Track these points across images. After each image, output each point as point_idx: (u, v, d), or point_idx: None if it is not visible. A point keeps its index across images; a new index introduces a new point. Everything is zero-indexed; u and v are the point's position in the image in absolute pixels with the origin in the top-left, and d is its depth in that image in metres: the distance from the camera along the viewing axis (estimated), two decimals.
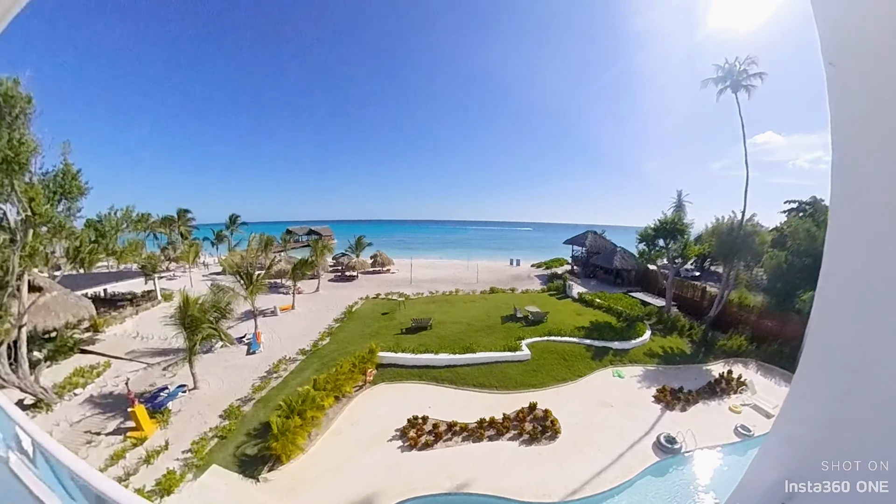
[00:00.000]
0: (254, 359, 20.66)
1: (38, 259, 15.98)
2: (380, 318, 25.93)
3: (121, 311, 29.24)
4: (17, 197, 14.04)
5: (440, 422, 13.93)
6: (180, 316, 16.84)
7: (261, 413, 15.06)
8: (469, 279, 39.56)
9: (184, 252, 43.04)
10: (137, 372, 19.91)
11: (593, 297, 28.72)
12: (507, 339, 20.16)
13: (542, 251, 63.19)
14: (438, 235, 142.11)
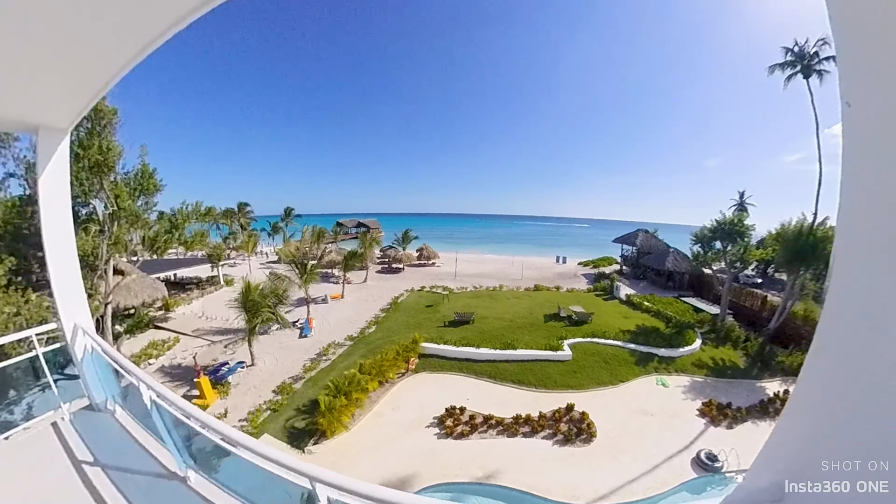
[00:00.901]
0: (305, 342, 21.97)
1: (120, 247, 18.20)
2: (424, 310, 26.58)
3: (188, 293, 32.32)
4: (105, 194, 16.30)
5: (477, 414, 14.24)
6: (243, 300, 18.38)
7: (310, 391, 16.09)
8: (513, 275, 39.40)
9: (243, 242, 46.20)
10: (202, 348, 21.81)
11: (642, 300, 27.75)
12: (549, 337, 20.03)
13: (590, 249, 61.32)
14: (484, 230, 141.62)
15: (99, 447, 4.01)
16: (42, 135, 3.87)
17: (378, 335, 22.15)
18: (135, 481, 3.52)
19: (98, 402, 4.58)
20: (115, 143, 16.44)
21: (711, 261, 26.16)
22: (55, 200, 4.19)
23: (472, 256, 55.30)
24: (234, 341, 22.17)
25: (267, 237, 59.37)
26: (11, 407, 5.03)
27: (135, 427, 4.25)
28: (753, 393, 16.84)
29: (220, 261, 37.08)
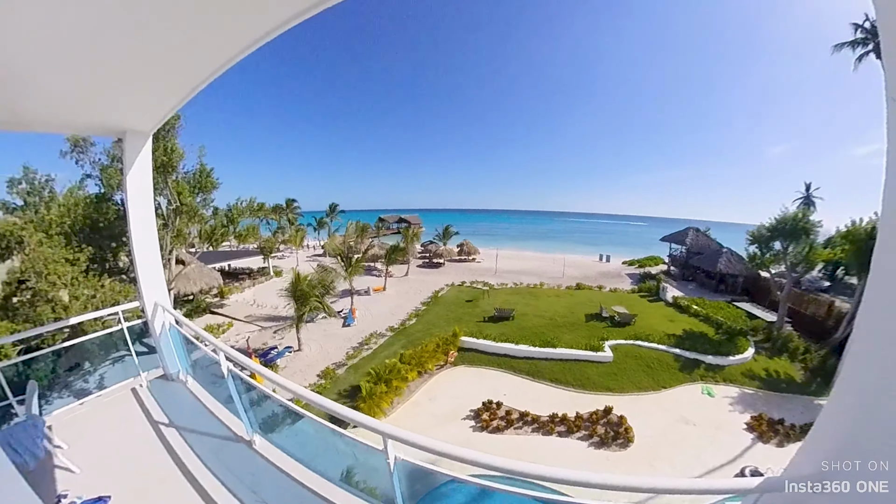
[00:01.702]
0: (349, 331, 22.85)
1: (181, 239, 19.91)
2: (464, 304, 26.86)
3: (241, 282, 34.62)
4: (169, 191, 17.94)
5: (513, 410, 14.31)
6: (292, 289, 19.46)
7: (352, 377, 16.77)
8: (554, 273, 38.84)
9: (291, 236, 48.41)
10: (253, 333, 23.19)
11: (690, 303, 26.32)
12: (590, 338, 19.70)
13: (636, 248, 58.90)
14: (525, 226, 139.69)
15: (172, 411, 4.53)
16: (128, 138, 4.35)
17: (418, 327, 22.67)
18: (204, 442, 3.94)
19: (171, 372, 5.16)
20: (178, 145, 18.08)
21: (769, 263, 24.03)
22: (140, 195, 4.71)
23: (513, 253, 54.89)
24: (283, 328, 23.42)
25: (312, 232, 61.69)
26: (101, 371, 5.82)
27: (204, 395, 4.77)
28: (810, 410, 15.41)
29: (271, 253, 39.36)
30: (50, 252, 13.17)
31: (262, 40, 2.27)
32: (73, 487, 3.34)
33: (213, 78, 2.82)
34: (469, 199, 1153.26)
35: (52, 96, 3.22)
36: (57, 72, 2.72)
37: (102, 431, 4.29)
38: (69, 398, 4.83)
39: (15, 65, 2.57)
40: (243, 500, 3.12)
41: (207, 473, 3.45)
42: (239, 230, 23.36)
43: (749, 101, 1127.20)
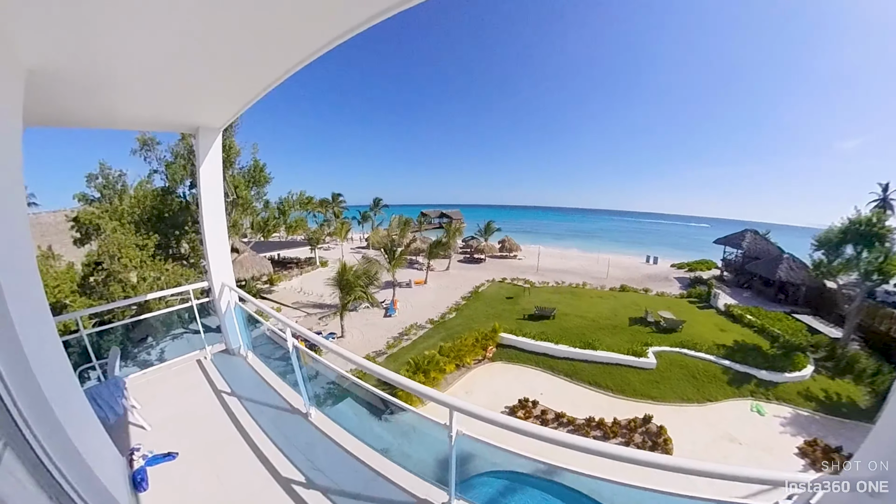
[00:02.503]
0: (390, 321, 23.46)
1: (236, 229, 21.41)
2: (504, 301, 26.79)
3: (289, 271, 36.37)
4: (226, 185, 19.08)
5: (549, 409, 14.24)
6: (338, 279, 20.23)
7: (391, 366, 17.18)
8: (598, 273, 37.85)
9: (337, 228, 50.14)
10: (300, 318, 24.32)
11: (744, 312, 24.61)
12: (633, 342, 19.10)
13: (686, 250, 55.98)
14: (569, 224, 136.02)
15: (234, 382, 4.93)
16: (201, 133, 4.72)
17: (458, 321, 22.88)
18: (263, 412, 4.24)
19: (233, 347, 5.58)
20: (235, 142, 19.41)
21: (838, 271, 21.75)
22: (211, 186, 5.11)
23: (555, 251, 53.99)
24: (327, 315, 24.32)
25: (357, 225, 63.49)
26: (171, 343, 6.43)
27: (263, 370, 5.15)
28: None
29: (317, 244, 41.33)
30: (122, 238, 14.59)
31: (333, 43, 2.38)
32: (145, 442, 3.72)
33: (284, 79, 3.00)
34: (512, 195, 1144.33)
35: (140, 97, 3.59)
36: (145, 76, 3.04)
37: (170, 396, 4.74)
38: (144, 365, 5.39)
39: (114, 72, 2.93)
40: (299, 466, 3.33)
41: (266, 440, 3.72)
42: (289, 222, 24.70)
43: (817, 88, 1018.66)
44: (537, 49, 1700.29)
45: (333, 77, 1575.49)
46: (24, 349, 1.96)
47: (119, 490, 2.84)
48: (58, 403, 2.18)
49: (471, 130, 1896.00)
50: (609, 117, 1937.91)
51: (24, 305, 2.17)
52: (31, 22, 2.07)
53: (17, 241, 2.34)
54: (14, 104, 2.43)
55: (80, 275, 14.00)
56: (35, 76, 2.61)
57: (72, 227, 15.87)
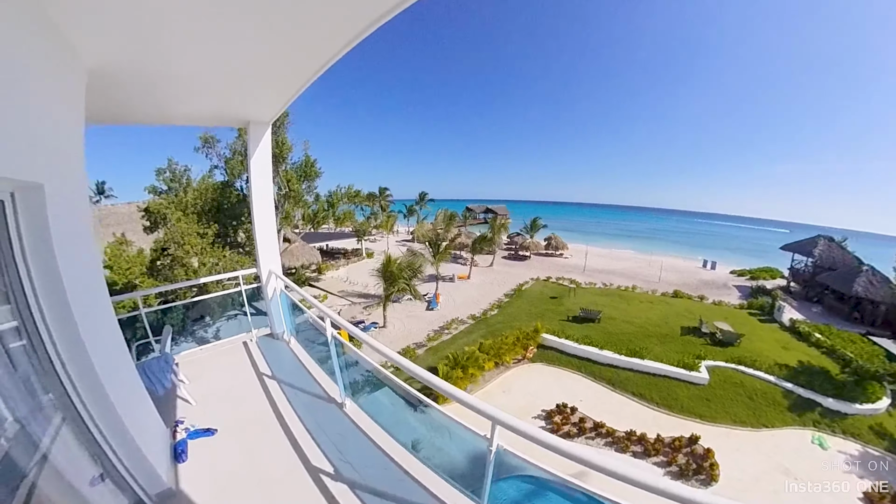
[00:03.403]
0: (431, 314, 23.66)
1: (288, 220, 22.76)
2: (548, 300, 26.23)
3: (337, 261, 37.93)
4: (279, 179, 20.45)
5: (587, 417, 13.71)
6: (383, 270, 20.67)
7: (430, 359, 17.35)
8: (650, 276, 36.06)
9: (383, 221, 51.34)
10: (345, 306, 25.11)
11: (812, 330, 22.15)
12: (684, 354, 17.92)
13: (749, 256, 52.15)
14: (619, 223, 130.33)
15: (275, 365, 5.11)
16: (252, 128, 4.89)
17: (499, 318, 22.66)
18: (300, 398, 4.35)
19: (277, 332, 5.80)
20: (287, 139, 20.55)
21: None
22: (261, 178, 5.28)
23: (604, 251, 51.94)
24: (371, 305, 24.96)
25: (402, 218, 64.77)
26: (220, 325, 6.84)
27: (304, 356, 5.29)
28: None
29: (364, 236, 42.59)
30: (186, 227, 16.06)
31: (370, 28, 2.37)
32: (189, 416, 3.95)
33: (325, 68, 3.03)
34: (560, 191, 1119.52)
35: (194, 94, 3.78)
36: (198, 73, 3.19)
37: (216, 374, 5.01)
38: (193, 343, 5.75)
39: (169, 71, 3.08)
40: (329, 455, 3.37)
41: (300, 426, 3.81)
42: (337, 214, 25.77)
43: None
44: (589, 38, 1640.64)
45: (376, 71, 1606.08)
46: (78, 327, 2.11)
47: (160, 459, 3.02)
48: (107, 376, 2.34)
49: (518, 124, 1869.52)
50: (671, 109, 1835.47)
51: (82, 289, 2.34)
52: (91, 26, 2.19)
53: (79, 231, 2.52)
54: (77, 104, 2.59)
55: (149, 259, 15.39)
56: (95, 76, 2.76)
57: (142, 216, 17.78)
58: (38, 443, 1.81)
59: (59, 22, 2.05)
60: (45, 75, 2.08)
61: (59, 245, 2.04)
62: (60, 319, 2.08)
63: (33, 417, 1.88)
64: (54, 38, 2.12)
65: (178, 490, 3.02)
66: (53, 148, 2.15)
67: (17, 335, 1.93)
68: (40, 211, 1.95)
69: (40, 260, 1.99)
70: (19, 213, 1.92)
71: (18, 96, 1.76)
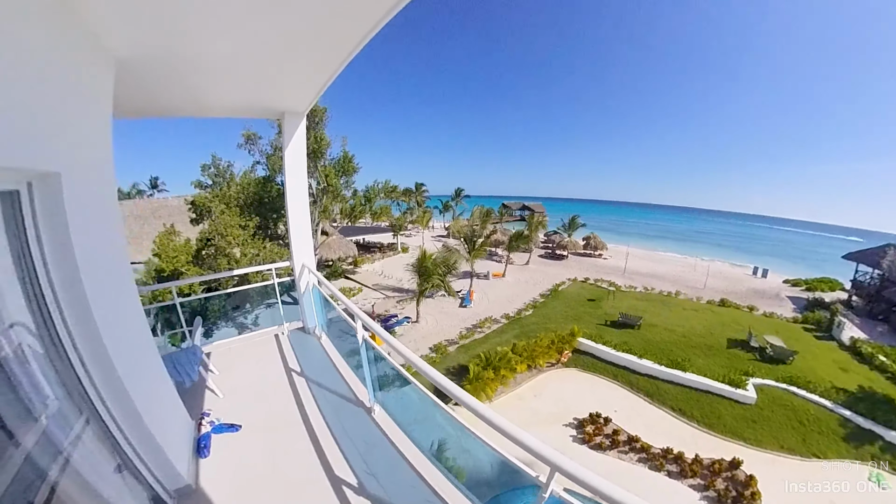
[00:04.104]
0: (465, 311, 23.56)
1: (326, 214, 23.41)
2: (585, 303, 25.51)
3: (372, 255, 38.40)
4: (318, 174, 21.08)
5: (621, 430, 13.12)
6: (418, 265, 20.77)
7: (461, 356, 17.24)
8: (695, 282, 34.31)
9: (419, 216, 51.67)
10: (378, 300, 25.43)
11: (876, 351, 19.84)
12: (730, 369, 16.77)
13: (805, 264, 48.41)
14: (663, 223, 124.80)
15: (305, 361, 5.03)
16: (286, 119, 4.80)
17: (534, 319, 22.25)
18: (327, 399, 4.22)
19: (309, 326, 5.74)
20: (325, 135, 21.02)
21: None
22: (295, 171, 5.18)
23: (645, 253, 50.07)
24: (404, 299, 25.13)
25: (438, 214, 65.07)
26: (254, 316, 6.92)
27: (334, 353, 5.17)
28: None
29: (400, 231, 42.82)
30: (229, 219, 16.82)
31: (393, 10, 2.27)
32: (215, 409, 3.90)
33: (356, 52, 2.91)
34: (598, 188, 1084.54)
35: (225, 84, 3.70)
36: (230, 63, 3.11)
37: (246, 366, 4.99)
38: (226, 333, 5.82)
39: (200, 60, 3.01)
40: (354, 465, 3.20)
41: (326, 430, 3.66)
42: (374, 209, 26.20)
43: None
44: (629, 30, 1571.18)
45: (415, 63, 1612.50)
46: (95, 320, 2.07)
47: (181, 453, 2.98)
48: (128, 370, 2.30)
49: (556, 119, 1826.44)
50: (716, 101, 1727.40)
51: (104, 281, 2.31)
52: (118, 11, 2.12)
53: (104, 222, 2.48)
54: (102, 94, 2.53)
55: (195, 248, 16.20)
56: (125, 67, 2.70)
57: (189, 209, 18.85)
58: (53, 437, 1.78)
59: (82, 12, 2.02)
60: (68, 65, 2.04)
61: (77, 235, 1.99)
62: (77, 311, 2.04)
63: (50, 412, 1.83)
64: (78, 29, 2.08)
65: (198, 487, 2.97)
66: (75, 138, 2.11)
67: (33, 326, 1.89)
68: (58, 201, 1.90)
69: (57, 250, 1.95)
70: (36, 203, 1.88)
71: (39, 87, 1.73)
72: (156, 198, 45.54)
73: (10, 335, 1.69)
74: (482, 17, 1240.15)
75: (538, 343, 17.22)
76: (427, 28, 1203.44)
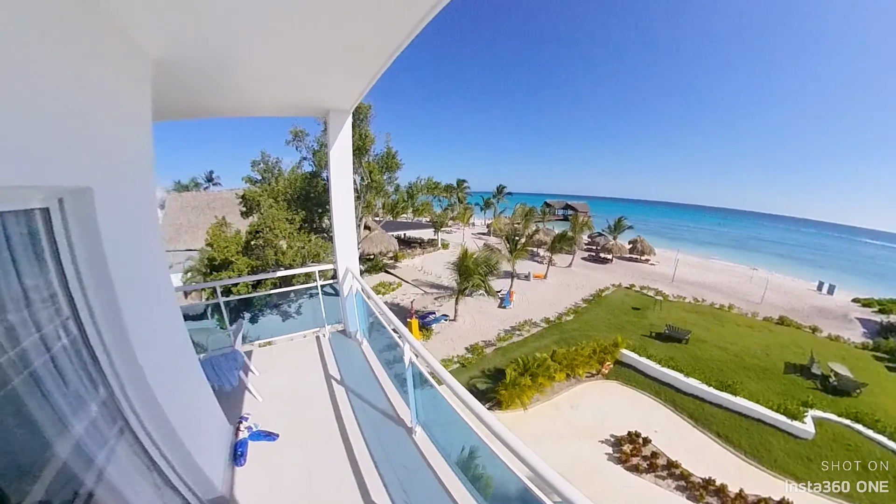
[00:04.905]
0: (503, 312, 23.26)
1: (370, 209, 23.91)
2: (629, 311, 24.51)
3: (413, 250, 39.31)
4: (362, 170, 21.57)
5: (661, 453, 12.39)
6: (459, 264, 20.70)
7: (498, 359, 17.01)
8: (751, 295, 32.04)
9: (460, 213, 51.89)
10: (417, 295, 25.64)
11: None
12: (786, 397, 15.44)
13: (882, 281, 43.95)
14: (716, 228, 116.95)
15: (345, 368, 4.99)
16: (331, 116, 4.72)
17: (575, 325, 21.65)
18: (367, 412, 4.08)
19: (351, 331, 5.71)
20: (369, 132, 21.40)
21: None
22: (341, 169, 5.08)
23: (697, 260, 47.37)
24: (442, 296, 25.17)
25: (479, 211, 64.79)
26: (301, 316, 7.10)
27: (375, 362, 5.06)
28: None
29: (441, 227, 43.32)
30: (276, 213, 17.61)
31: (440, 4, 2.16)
32: (254, 412, 3.93)
33: (399, 52, 2.82)
34: (646, 188, 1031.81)
35: (268, 83, 3.65)
36: (273, 60, 3.04)
37: (286, 369, 5.01)
38: (270, 333, 5.96)
39: (242, 62, 2.96)
40: (392, 492, 3.04)
41: (364, 448, 3.52)
42: (416, 205, 26.50)
43: None
44: (678, 17, 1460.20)
45: (453, 64, 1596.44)
46: (129, 333, 2.03)
47: (216, 462, 2.99)
48: (162, 381, 2.30)
49: (604, 113, 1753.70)
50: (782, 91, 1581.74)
51: (141, 291, 2.30)
52: (153, 10, 2.06)
53: (143, 232, 2.46)
54: (140, 99, 2.48)
55: (244, 240, 17.03)
56: (163, 68, 2.66)
57: (239, 202, 20.00)
58: (87, 448, 1.78)
59: (115, 13, 1.97)
60: (101, 70, 1.97)
61: (112, 250, 1.94)
62: (114, 330, 2.01)
63: (84, 424, 1.82)
64: (109, 29, 2.02)
65: (232, 497, 2.94)
66: (110, 148, 2.06)
67: (67, 342, 1.86)
68: (90, 217, 1.85)
69: (91, 265, 1.91)
70: (69, 219, 1.83)
71: (67, 95, 1.66)
72: (211, 190, 49.00)
73: (42, 349, 1.66)
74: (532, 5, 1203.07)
75: (579, 352, 16.65)
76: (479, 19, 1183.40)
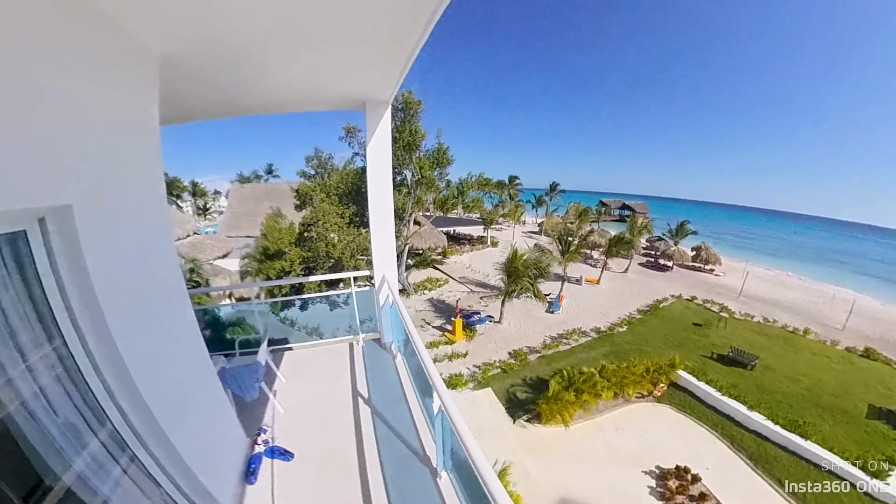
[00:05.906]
0: (551, 318, 22.38)
1: (420, 205, 24.30)
2: (689, 327, 22.57)
3: (461, 247, 38.69)
4: (412, 166, 21.66)
5: (711, 495, 10.82)
6: (507, 265, 20.27)
7: (542, 368, 16.32)
8: (830, 318, 28.28)
9: (511, 210, 50.82)
10: (463, 293, 25.41)
11: None
12: (868, 448, 13.03)
13: None
14: (795, 237, 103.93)
15: (375, 383, 4.78)
16: (369, 108, 4.47)
17: (628, 338, 20.32)
18: (392, 443, 3.77)
19: (385, 341, 5.48)
20: (420, 127, 21.42)
21: None
22: (379, 168, 4.74)
23: (769, 273, 42.45)
24: (489, 296, 24.70)
25: (530, 208, 63.52)
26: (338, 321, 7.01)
27: (407, 381, 4.69)
28: None
29: (490, 224, 43.07)
30: (328, 207, 18.30)
31: None
32: (273, 425, 3.83)
33: (428, 32, 2.57)
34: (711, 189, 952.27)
35: (300, 76, 3.46)
36: (300, 50, 2.85)
37: (314, 378, 4.89)
38: (303, 337, 5.89)
39: (260, 51, 2.76)
40: None
41: (382, 486, 3.25)
42: (466, 201, 26.30)
43: None
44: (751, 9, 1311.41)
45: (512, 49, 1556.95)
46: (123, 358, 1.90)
47: (225, 481, 2.90)
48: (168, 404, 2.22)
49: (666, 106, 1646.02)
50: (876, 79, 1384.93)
51: (148, 306, 2.20)
52: (157, 11, 1.90)
53: (154, 240, 2.37)
54: (147, 97, 2.31)
55: (297, 232, 17.70)
56: (169, 63, 2.46)
57: (294, 196, 20.83)
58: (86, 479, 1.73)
59: (112, 12, 1.81)
60: (95, 71, 1.82)
61: (98, 267, 1.78)
62: (111, 359, 1.89)
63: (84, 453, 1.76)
64: (104, 22, 1.85)
65: None
66: (103, 159, 1.90)
67: (61, 369, 1.76)
68: (72, 236, 1.70)
69: (76, 285, 1.77)
70: (52, 239, 1.68)
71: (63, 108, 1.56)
72: (269, 182, 52.37)
73: (30, 378, 1.57)
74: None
75: (630, 369, 15.36)
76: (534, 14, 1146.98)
